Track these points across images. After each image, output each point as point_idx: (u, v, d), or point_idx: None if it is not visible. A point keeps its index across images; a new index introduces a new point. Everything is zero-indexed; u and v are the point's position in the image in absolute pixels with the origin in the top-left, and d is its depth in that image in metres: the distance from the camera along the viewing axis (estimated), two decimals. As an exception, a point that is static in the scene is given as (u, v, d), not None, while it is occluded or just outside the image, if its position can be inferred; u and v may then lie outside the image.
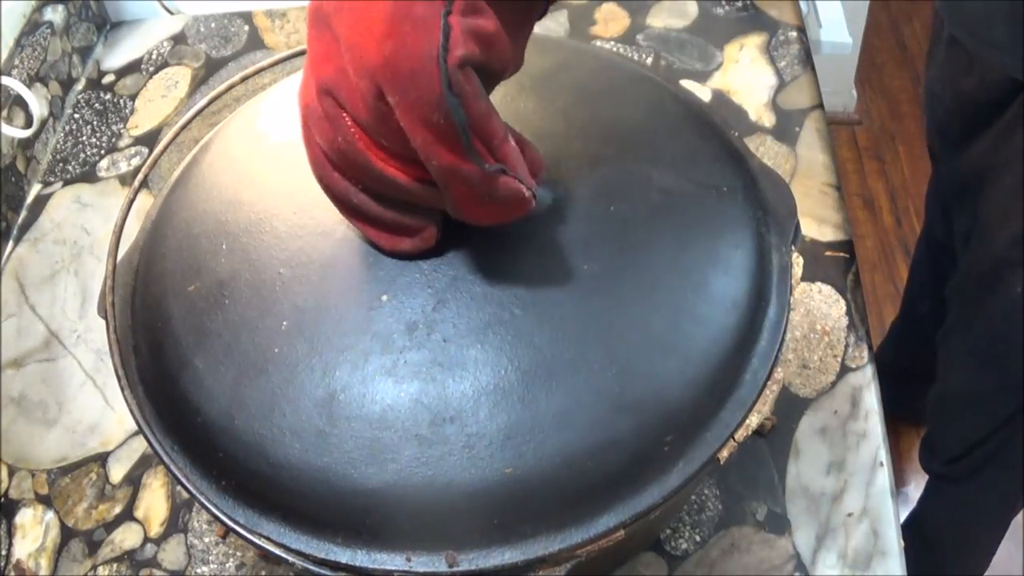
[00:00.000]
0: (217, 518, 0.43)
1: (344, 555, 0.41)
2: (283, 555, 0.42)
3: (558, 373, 0.41)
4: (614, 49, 0.89)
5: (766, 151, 0.80)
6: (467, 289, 0.43)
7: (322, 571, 0.42)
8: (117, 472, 0.68)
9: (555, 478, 0.40)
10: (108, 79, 0.95)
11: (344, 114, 0.38)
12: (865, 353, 0.68)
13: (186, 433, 0.44)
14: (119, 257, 0.53)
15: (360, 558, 0.41)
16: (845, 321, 0.69)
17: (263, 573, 0.62)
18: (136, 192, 0.50)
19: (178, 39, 0.98)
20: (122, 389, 0.46)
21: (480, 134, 0.36)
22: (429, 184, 0.39)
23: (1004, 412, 0.97)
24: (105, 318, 0.47)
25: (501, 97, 0.48)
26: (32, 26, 0.89)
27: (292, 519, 0.42)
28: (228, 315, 0.44)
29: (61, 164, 0.88)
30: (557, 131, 0.49)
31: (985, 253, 0.87)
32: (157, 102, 0.92)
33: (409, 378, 0.41)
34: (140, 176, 0.51)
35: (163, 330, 0.46)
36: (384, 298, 0.43)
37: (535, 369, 0.41)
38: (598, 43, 0.90)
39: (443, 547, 0.40)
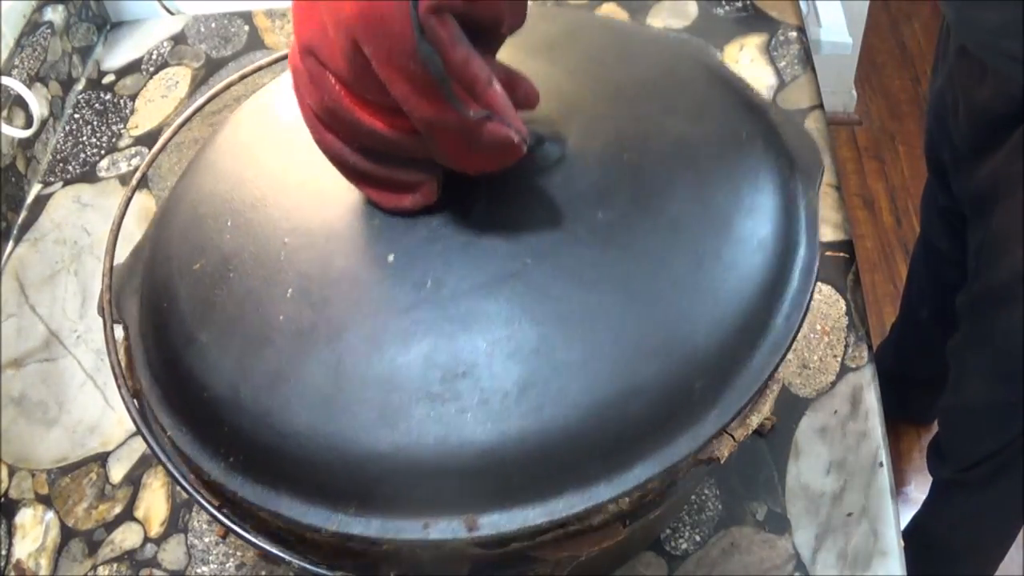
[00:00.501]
0: (216, 518, 0.43)
1: (357, 525, 0.39)
2: (280, 555, 0.42)
3: (576, 322, 0.39)
4: (614, 49, 0.89)
5: (766, 151, 0.80)
6: (477, 244, 0.42)
7: (319, 570, 0.42)
8: (117, 472, 0.68)
9: (578, 430, 0.38)
10: (108, 79, 0.95)
11: (327, 72, 0.38)
12: (865, 353, 0.68)
13: (192, 411, 0.43)
14: (130, 249, 0.53)
15: (374, 527, 0.39)
16: (845, 321, 0.69)
17: (263, 573, 0.62)
18: (134, 191, 0.50)
19: (178, 39, 0.98)
20: (119, 388, 0.46)
21: (461, 80, 0.35)
22: (419, 135, 0.38)
23: (1022, 424, 0.97)
24: (103, 316, 0.47)
25: (505, 61, 0.48)
26: (32, 26, 0.89)
27: (302, 492, 0.40)
28: (233, 288, 0.44)
29: (61, 164, 0.88)
30: (565, 89, 0.48)
31: (1001, 268, 0.86)
32: (157, 102, 0.92)
33: (418, 336, 0.39)
34: (138, 175, 0.51)
35: (169, 309, 0.46)
36: (390, 258, 0.42)
37: (551, 319, 0.39)
38: (598, 43, 0.90)
39: (462, 510, 0.38)
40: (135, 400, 0.48)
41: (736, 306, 0.41)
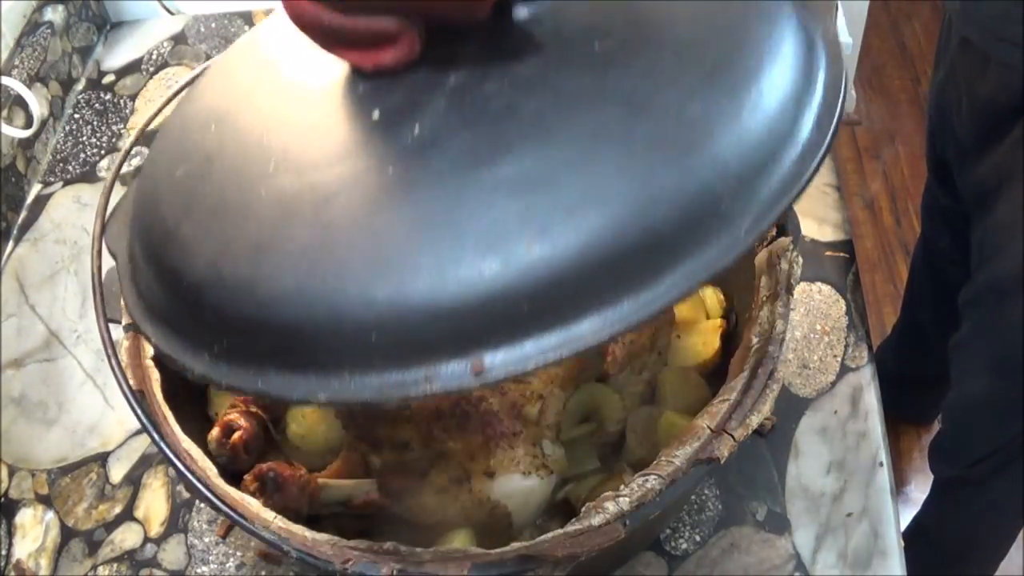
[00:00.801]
0: (220, 509, 0.43)
1: (351, 387, 0.36)
2: (281, 546, 0.42)
3: (578, 141, 0.37)
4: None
5: (766, 151, 0.80)
6: (465, 90, 0.40)
7: (320, 565, 0.42)
8: (117, 472, 0.68)
9: (594, 249, 0.35)
10: (108, 79, 0.95)
11: None
12: (865, 353, 0.68)
13: (174, 308, 0.41)
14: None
15: (370, 388, 0.36)
16: (845, 321, 0.69)
17: (263, 573, 0.62)
18: (120, 167, 0.50)
19: (178, 39, 0.98)
20: (120, 385, 0.46)
21: None
22: None
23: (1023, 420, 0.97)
24: (93, 287, 0.47)
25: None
26: (32, 26, 0.89)
27: (291, 364, 0.37)
28: (215, 178, 0.42)
29: (61, 164, 0.88)
30: None
31: (1003, 260, 0.86)
32: (157, 102, 0.92)
33: (409, 182, 0.37)
34: (123, 151, 0.51)
35: (152, 217, 0.44)
36: (375, 115, 0.40)
37: (551, 143, 0.37)
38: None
39: (466, 352, 0.35)
40: (138, 395, 0.48)
41: (758, 113, 0.38)
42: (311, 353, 0.37)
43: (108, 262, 0.49)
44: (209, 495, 0.43)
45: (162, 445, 0.44)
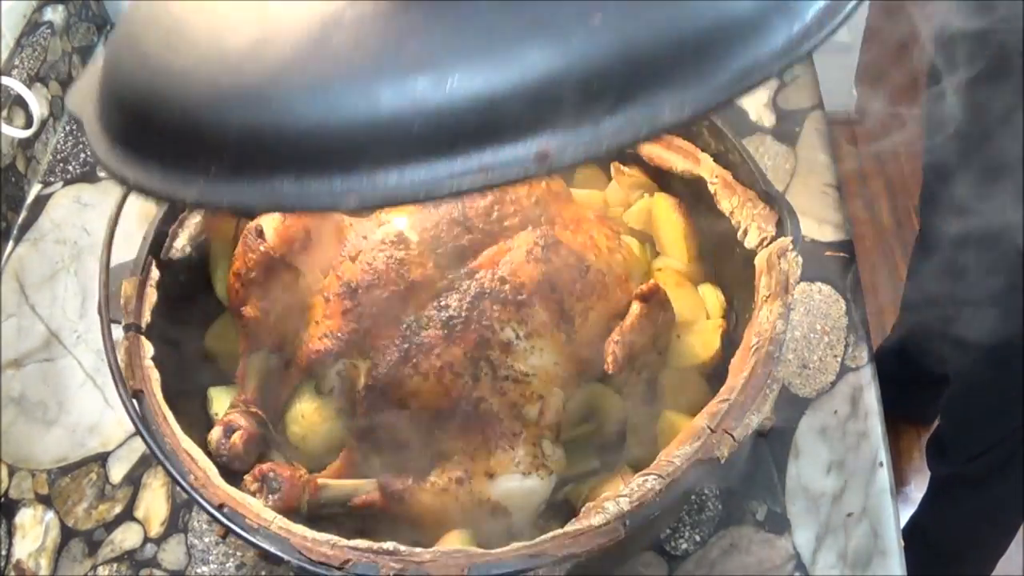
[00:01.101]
0: (216, 517, 0.43)
1: (388, 183, 0.32)
2: (280, 555, 0.42)
3: None
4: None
5: (766, 151, 0.80)
6: None
7: (319, 571, 0.42)
8: (117, 472, 0.68)
9: (662, 29, 0.32)
10: (108, 79, 0.95)
11: None
12: (865, 353, 0.68)
13: (158, 143, 0.38)
14: (128, 250, 0.53)
15: (412, 180, 0.32)
16: (845, 321, 0.69)
17: (263, 573, 0.62)
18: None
19: (178, 39, 0.98)
20: (118, 387, 0.46)
21: None
22: None
23: (1022, 414, 0.97)
24: (101, 315, 0.47)
25: None
26: (32, 26, 0.89)
27: (312, 166, 0.33)
28: (205, 15, 0.38)
29: (61, 164, 0.88)
30: None
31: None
32: (157, 102, 0.92)
33: None
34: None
35: (132, 61, 0.40)
36: None
37: None
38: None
39: (530, 135, 0.32)
40: (134, 400, 0.48)
41: None
42: (336, 153, 0.33)
43: (114, 260, 0.50)
44: (203, 502, 0.43)
45: (161, 457, 0.44)
